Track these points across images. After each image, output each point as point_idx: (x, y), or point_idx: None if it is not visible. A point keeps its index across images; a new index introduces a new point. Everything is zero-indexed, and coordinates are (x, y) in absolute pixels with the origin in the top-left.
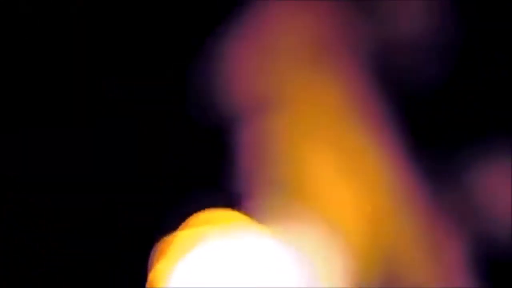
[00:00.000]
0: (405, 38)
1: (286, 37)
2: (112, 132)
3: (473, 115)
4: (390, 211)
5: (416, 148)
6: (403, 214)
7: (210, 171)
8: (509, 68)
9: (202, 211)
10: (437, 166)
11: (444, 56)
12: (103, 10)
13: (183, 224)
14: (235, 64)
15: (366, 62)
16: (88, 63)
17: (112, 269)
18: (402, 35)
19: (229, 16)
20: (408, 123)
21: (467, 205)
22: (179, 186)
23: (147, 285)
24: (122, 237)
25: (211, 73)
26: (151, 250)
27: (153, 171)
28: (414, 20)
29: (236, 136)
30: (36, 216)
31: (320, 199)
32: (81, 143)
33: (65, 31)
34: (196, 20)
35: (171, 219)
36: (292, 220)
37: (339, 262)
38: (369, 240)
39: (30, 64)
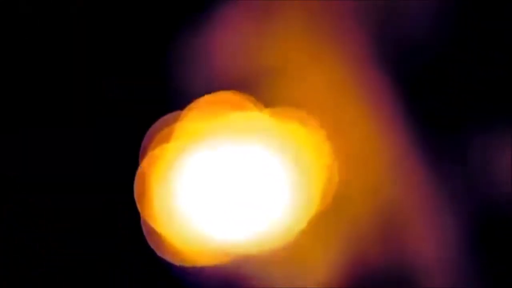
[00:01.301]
0: (408, 8)
1: (286, 7)
2: (112, 132)
3: (471, 84)
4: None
5: (416, 118)
6: (398, 176)
7: None
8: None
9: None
10: (436, 135)
11: (447, 27)
12: (103, 10)
13: (186, 108)
14: (235, 36)
15: (367, 31)
16: (88, 63)
17: (112, 269)
18: (405, 5)
19: None
20: (409, 92)
21: (464, 175)
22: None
23: (138, 170)
24: (122, 237)
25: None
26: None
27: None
28: None
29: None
30: (36, 216)
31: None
32: (81, 143)
33: (65, 31)
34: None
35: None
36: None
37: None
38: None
39: (30, 64)
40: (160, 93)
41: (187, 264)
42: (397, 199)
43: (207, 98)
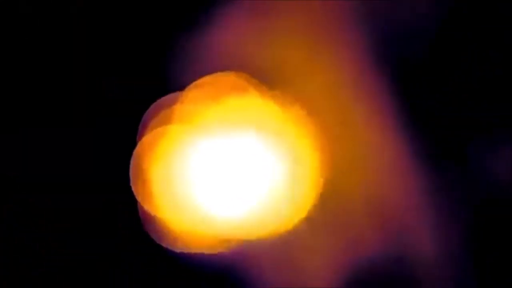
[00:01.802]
0: (406, 13)
1: (285, 7)
2: (112, 132)
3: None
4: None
5: (415, 117)
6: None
7: None
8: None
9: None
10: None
11: (443, 28)
12: (103, 10)
13: (185, 89)
14: (234, 41)
15: (365, 31)
16: (88, 63)
17: (112, 269)
18: (403, 11)
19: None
20: (407, 91)
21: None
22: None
23: (135, 152)
24: (122, 237)
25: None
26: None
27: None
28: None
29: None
30: (36, 216)
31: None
32: (81, 143)
33: (65, 31)
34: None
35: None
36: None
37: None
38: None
39: (30, 64)
40: (160, 93)
41: (185, 250)
42: (395, 198)
43: (206, 79)
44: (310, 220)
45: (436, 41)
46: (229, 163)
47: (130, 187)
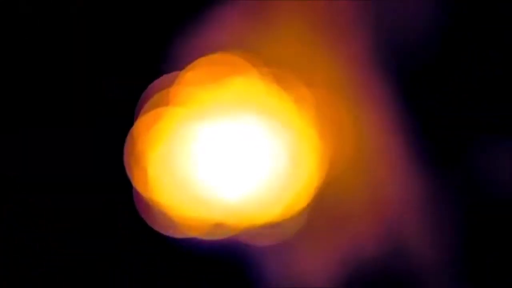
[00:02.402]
0: (407, 14)
1: (285, 7)
2: (112, 132)
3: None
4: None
5: (415, 117)
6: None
7: None
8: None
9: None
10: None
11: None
12: (103, 10)
13: (185, 67)
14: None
15: (366, 31)
16: (88, 63)
17: (112, 269)
18: (404, 11)
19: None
20: (408, 91)
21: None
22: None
23: (130, 134)
24: (122, 237)
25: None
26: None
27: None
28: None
29: None
30: (36, 216)
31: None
32: (81, 143)
33: (65, 31)
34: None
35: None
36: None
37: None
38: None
39: (30, 64)
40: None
41: (182, 235)
42: (395, 196)
43: (204, 59)
44: (310, 218)
45: (437, 42)
46: (228, 146)
47: (130, 187)
